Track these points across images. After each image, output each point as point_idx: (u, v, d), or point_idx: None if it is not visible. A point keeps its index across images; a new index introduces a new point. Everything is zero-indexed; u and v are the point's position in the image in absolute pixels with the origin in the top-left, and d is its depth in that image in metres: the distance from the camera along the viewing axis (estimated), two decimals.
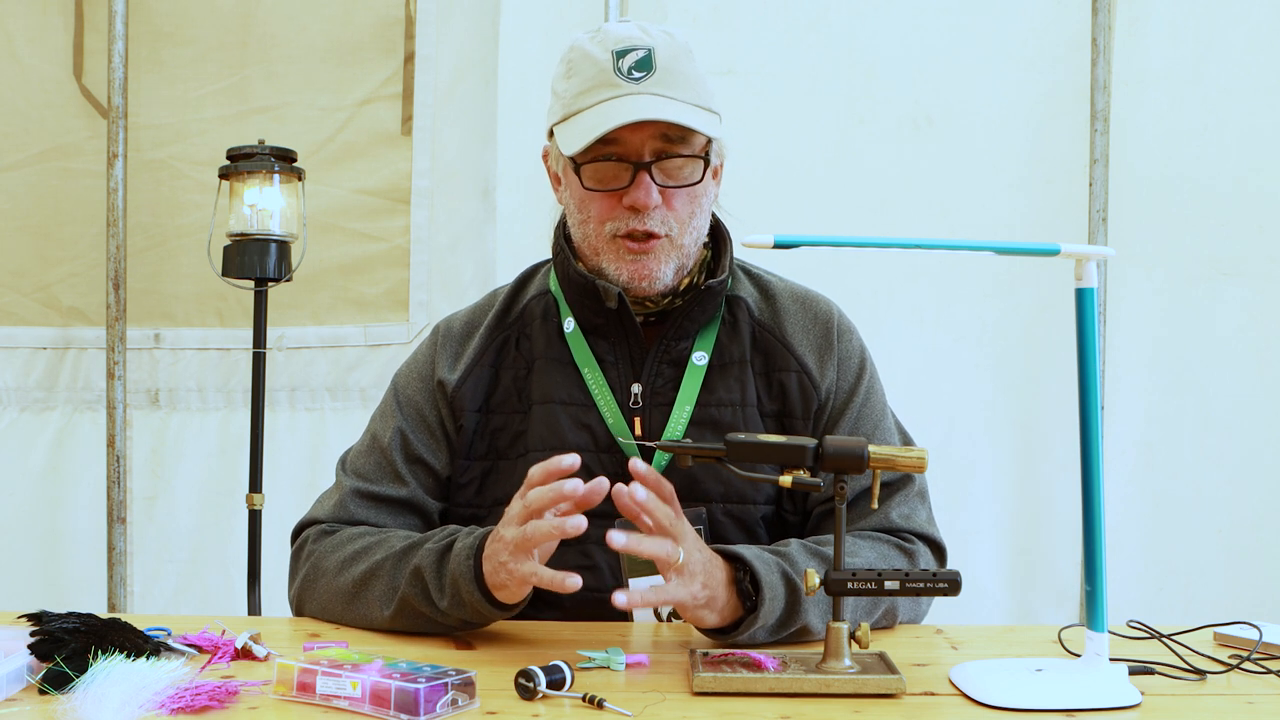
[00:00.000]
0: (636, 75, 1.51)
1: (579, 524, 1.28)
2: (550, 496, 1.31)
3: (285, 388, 3.04)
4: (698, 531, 1.54)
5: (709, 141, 1.56)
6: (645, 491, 1.30)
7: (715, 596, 1.35)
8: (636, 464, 1.32)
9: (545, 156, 1.67)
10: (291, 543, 1.66)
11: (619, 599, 1.27)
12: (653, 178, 1.53)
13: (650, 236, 1.55)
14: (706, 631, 1.40)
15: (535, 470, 1.34)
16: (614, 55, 1.52)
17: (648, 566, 1.56)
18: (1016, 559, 2.98)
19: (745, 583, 1.38)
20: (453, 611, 1.41)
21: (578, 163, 1.55)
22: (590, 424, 1.60)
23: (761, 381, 1.63)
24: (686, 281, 1.62)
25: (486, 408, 1.64)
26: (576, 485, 1.30)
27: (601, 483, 1.30)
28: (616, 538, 1.27)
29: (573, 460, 1.32)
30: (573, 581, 1.28)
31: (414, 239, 3.01)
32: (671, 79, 1.52)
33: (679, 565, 1.31)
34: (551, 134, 1.59)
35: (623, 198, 1.54)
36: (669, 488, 1.35)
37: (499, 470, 1.62)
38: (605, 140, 1.51)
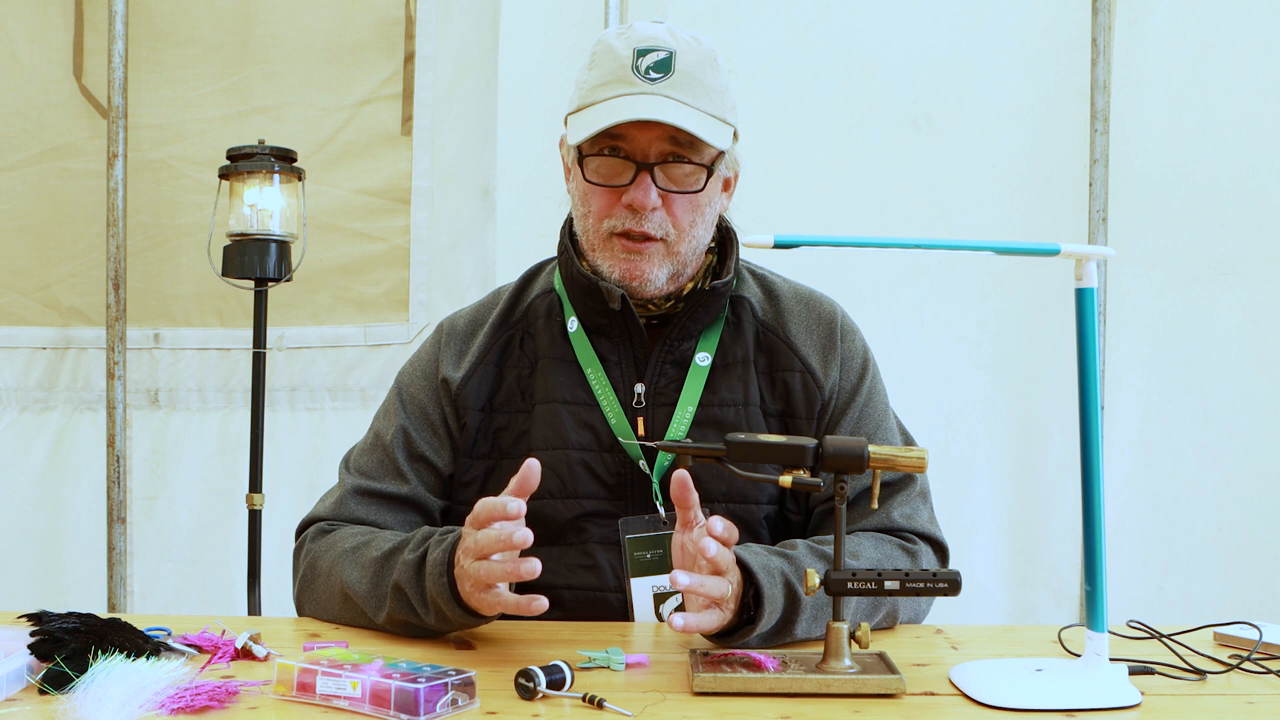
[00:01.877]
0: (654, 76, 1.51)
1: (533, 568, 1.28)
2: (497, 545, 1.30)
3: (285, 388, 3.04)
4: None
5: (720, 154, 1.56)
6: (716, 547, 1.29)
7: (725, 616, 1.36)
8: (715, 523, 1.30)
9: (561, 144, 1.67)
10: (295, 541, 1.66)
11: (677, 623, 1.27)
12: (654, 180, 1.53)
13: (646, 238, 1.55)
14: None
15: (480, 508, 1.33)
16: (635, 53, 1.52)
17: (649, 567, 1.57)
18: (1016, 559, 2.98)
19: (748, 596, 1.37)
20: (440, 625, 1.42)
21: (584, 154, 1.55)
22: (593, 424, 1.60)
23: (765, 381, 1.63)
24: (690, 286, 1.62)
25: (490, 406, 1.64)
26: (526, 536, 1.28)
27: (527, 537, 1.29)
28: (681, 578, 1.27)
29: (518, 506, 1.31)
30: (538, 604, 1.29)
31: (414, 239, 3.01)
32: (689, 84, 1.52)
33: (727, 598, 1.32)
34: (568, 123, 1.60)
35: (623, 195, 1.54)
36: (735, 533, 1.34)
37: (502, 469, 1.62)
38: (613, 135, 1.51)
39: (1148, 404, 2.93)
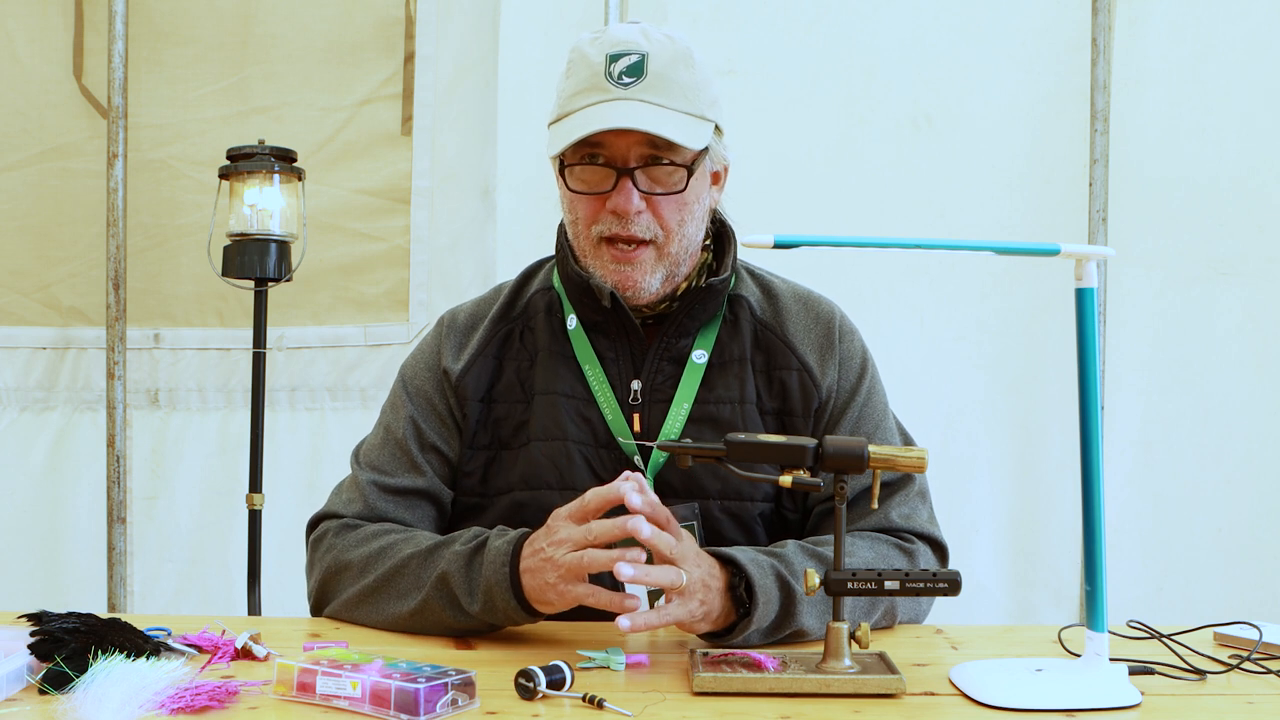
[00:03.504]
0: (626, 80, 1.51)
1: (638, 556, 1.30)
2: (617, 534, 1.31)
3: (285, 388, 3.04)
4: (691, 529, 1.55)
5: (703, 150, 1.56)
6: (649, 528, 1.31)
7: (711, 609, 1.35)
8: (632, 497, 1.32)
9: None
10: (306, 536, 1.65)
11: (624, 624, 1.28)
12: (636, 184, 1.53)
13: (635, 242, 1.55)
14: (701, 635, 1.40)
15: (591, 496, 1.35)
16: (607, 59, 1.52)
17: None
18: (1016, 559, 2.98)
19: (740, 589, 1.38)
20: (483, 616, 1.41)
21: (566, 163, 1.56)
22: (591, 419, 1.61)
23: (762, 379, 1.63)
24: (684, 286, 1.62)
25: (489, 398, 1.65)
26: (639, 525, 1.30)
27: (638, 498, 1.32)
28: (624, 569, 1.28)
29: (635, 491, 1.33)
30: (632, 603, 1.31)
31: (414, 239, 3.01)
32: (662, 86, 1.52)
33: (681, 588, 1.32)
34: (549, 132, 1.60)
35: (606, 202, 1.54)
36: (664, 512, 1.36)
37: (502, 460, 1.63)
38: (591, 143, 1.52)
39: (1148, 404, 2.93)
